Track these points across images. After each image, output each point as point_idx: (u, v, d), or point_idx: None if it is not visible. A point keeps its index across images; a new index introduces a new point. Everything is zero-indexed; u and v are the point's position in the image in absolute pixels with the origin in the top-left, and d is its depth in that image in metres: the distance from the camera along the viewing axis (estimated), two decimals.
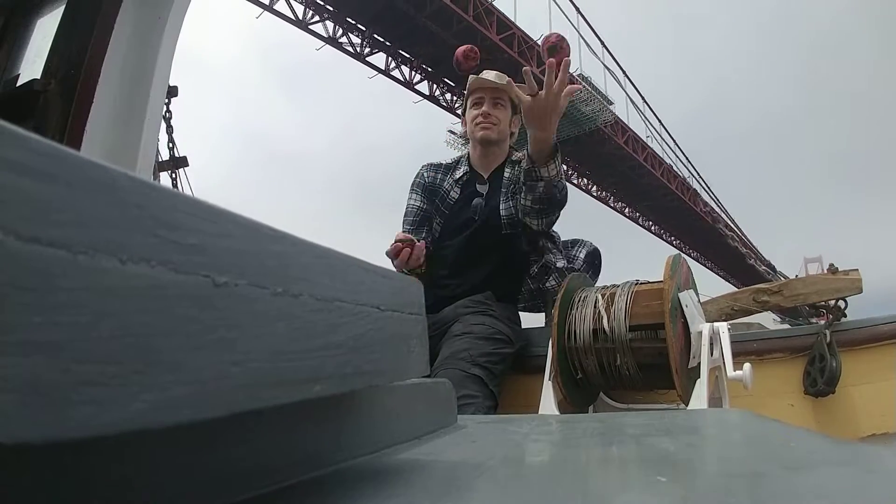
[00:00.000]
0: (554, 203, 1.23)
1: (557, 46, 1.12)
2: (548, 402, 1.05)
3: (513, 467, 0.31)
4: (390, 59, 13.68)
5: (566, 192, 1.25)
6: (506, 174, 1.40)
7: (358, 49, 13.22)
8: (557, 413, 1.02)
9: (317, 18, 12.47)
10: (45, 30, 1.44)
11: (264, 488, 0.24)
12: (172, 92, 2.08)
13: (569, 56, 1.11)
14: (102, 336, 0.14)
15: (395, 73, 13.90)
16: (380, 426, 0.33)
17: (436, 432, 0.40)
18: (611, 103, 15.51)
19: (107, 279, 0.14)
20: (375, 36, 13.11)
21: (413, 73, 14.08)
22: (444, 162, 1.49)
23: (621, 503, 0.24)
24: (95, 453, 0.17)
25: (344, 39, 12.93)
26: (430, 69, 13.85)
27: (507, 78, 1.41)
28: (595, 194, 19.00)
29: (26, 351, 0.12)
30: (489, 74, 1.40)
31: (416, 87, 14.28)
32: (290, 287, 0.21)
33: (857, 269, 1.34)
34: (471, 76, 1.42)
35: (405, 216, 1.44)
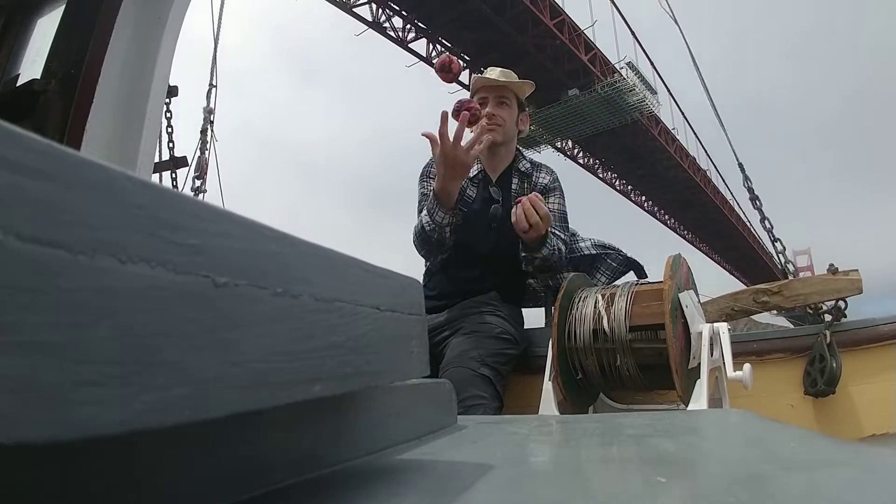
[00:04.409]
0: (553, 268, 1.29)
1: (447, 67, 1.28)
2: (548, 402, 1.05)
3: (513, 468, 0.31)
4: (431, 45, 13.13)
5: (562, 254, 1.29)
6: (513, 187, 1.38)
7: (400, 35, 12.72)
8: (557, 413, 1.02)
9: (362, 1, 11.93)
10: (45, 30, 1.44)
11: (264, 488, 0.24)
12: (172, 92, 2.08)
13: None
14: (102, 336, 0.14)
15: (436, 61, 13.39)
16: (380, 426, 0.33)
17: (436, 433, 0.40)
18: (654, 92, 14.92)
19: (107, 279, 0.14)
20: (418, 22, 12.59)
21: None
22: None
23: None
24: (95, 453, 0.17)
25: (387, 25, 12.45)
26: (468, 57, 13.20)
27: (512, 73, 1.40)
28: (618, 188, 18.81)
29: (26, 351, 0.12)
30: (493, 72, 1.38)
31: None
32: (290, 287, 0.21)
33: (856, 270, 1.34)
34: (475, 75, 1.41)
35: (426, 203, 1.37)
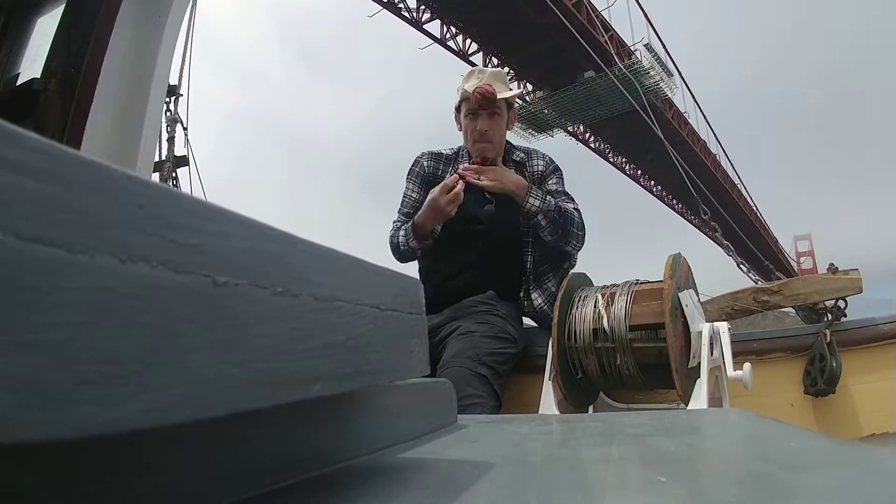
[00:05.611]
0: (564, 225, 1.30)
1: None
2: (548, 401, 1.05)
3: (513, 467, 0.31)
4: (446, 27, 12.75)
5: (567, 213, 1.31)
6: None
7: (414, 15, 12.38)
8: (557, 413, 1.02)
9: None
10: (44, 29, 1.44)
11: (264, 488, 0.24)
12: (172, 91, 2.09)
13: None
14: (102, 335, 0.14)
15: (451, 43, 12.87)
16: (380, 426, 0.33)
17: (436, 432, 0.40)
18: (671, 75, 14.50)
19: (107, 279, 0.14)
20: (433, 2, 12.20)
21: (467, 42, 12.94)
22: (444, 152, 1.45)
23: (621, 503, 0.24)
24: (95, 453, 0.17)
25: (402, 5, 12.12)
26: (479, 40, 12.88)
27: (502, 73, 1.39)
28: (628, 172, 18.74)
29: (26, 350, 0.12)
30: (483, 74, 1.37)
31: (469, 58, 13.09)
32: (290, 287, 0.21)
33: (857, 269, 1.34)
34: (465, 84, 1.38)
35: (403, 205, 1.41)
